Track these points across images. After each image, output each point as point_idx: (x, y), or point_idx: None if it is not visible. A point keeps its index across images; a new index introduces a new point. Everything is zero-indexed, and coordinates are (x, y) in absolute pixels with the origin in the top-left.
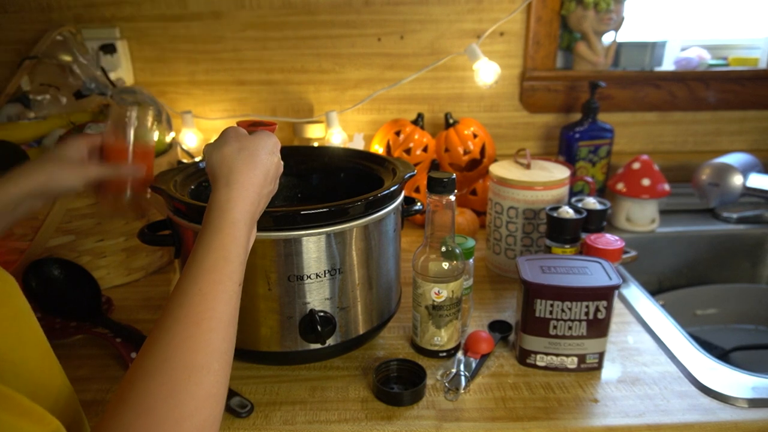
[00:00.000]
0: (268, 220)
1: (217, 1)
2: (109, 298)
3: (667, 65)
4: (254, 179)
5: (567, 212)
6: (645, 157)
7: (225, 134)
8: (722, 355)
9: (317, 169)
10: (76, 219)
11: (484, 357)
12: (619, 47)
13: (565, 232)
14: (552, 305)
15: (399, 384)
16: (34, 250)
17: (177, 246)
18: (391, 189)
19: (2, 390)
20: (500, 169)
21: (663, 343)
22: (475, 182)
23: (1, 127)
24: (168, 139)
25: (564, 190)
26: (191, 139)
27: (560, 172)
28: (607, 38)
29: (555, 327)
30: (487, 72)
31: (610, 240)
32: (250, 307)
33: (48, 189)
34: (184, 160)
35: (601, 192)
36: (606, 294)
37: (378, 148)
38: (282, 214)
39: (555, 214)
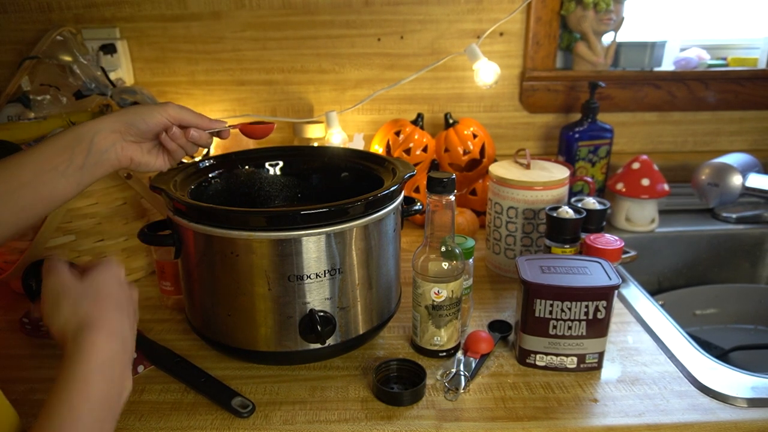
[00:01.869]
0: (268, 220)
1: (217, 1)
2: None
3: (667, 65)
4: (110, 323)
5: (567, 212)
6: (644, 157)
7: (52, 293)
8: (722, 355)
9: (317, 169)
10: (76, 219)
11: (484, 357)
12: (618, 47)
13: (564, 232)
14: (552, 305)
15: (399, 384)
16: (34, 250)
17: (177, 246)
18: (391, 189)
19: None
20: (500, 169)
21: (662, 343)
22: (475, 182)
23: (2, 127)
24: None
25: (564, 190)
26: None
27: (560, 172)
28: (607, 38)
29: (555, 327)
30: (486, 72)
31: (609, 240)
32: (250, 306)
33: (130, 121)
34: (185, 160)
35: (601, 192)
36: (606, 294)
37: (378, 148)
38: (282, 214)
39: (555, 214)
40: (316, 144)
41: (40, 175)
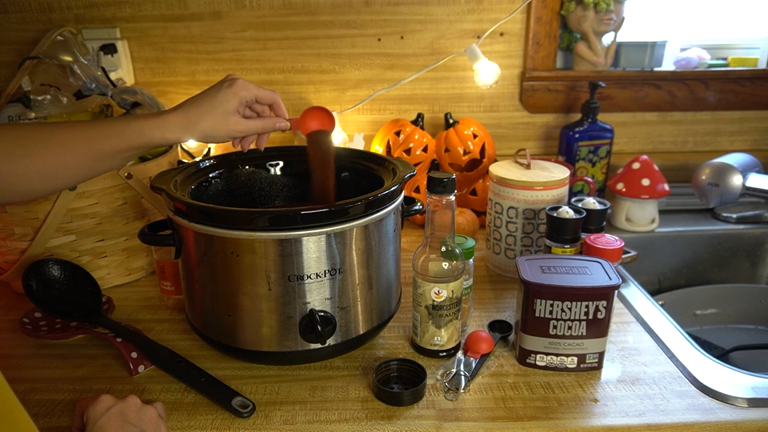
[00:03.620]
0: (268, 220)
1: (217, 1)
2: (109, 298)
3: (667, 65)
4: None
5: (567, 212)
6: (645, 157)
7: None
8: (722, 355)
9: None
10: (76, 219)
11: (484, 357)
12: (619, 47)
13: (565, 232)
14: (552, 305)
15: (399, 384)
16: (34, 250)
17: (177, 246)
18: (391, 189)
19: None
20: (500, 169)
21: (663, 343)
22: (475, 182)
23: None
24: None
25: (564, 190)
26: None
27: (560, 172)
28: (607, 38)
29: (555, 327)
30: (487, 72)
31: (609, 240)
32: (250, 306)
33: (199, 138)
34: (185, 160)
35: (601, 192)
36: (606, 294)
37: (378, 148)
38: (282, 214)
39: (555, 214)
40: None
41: (100, 159)
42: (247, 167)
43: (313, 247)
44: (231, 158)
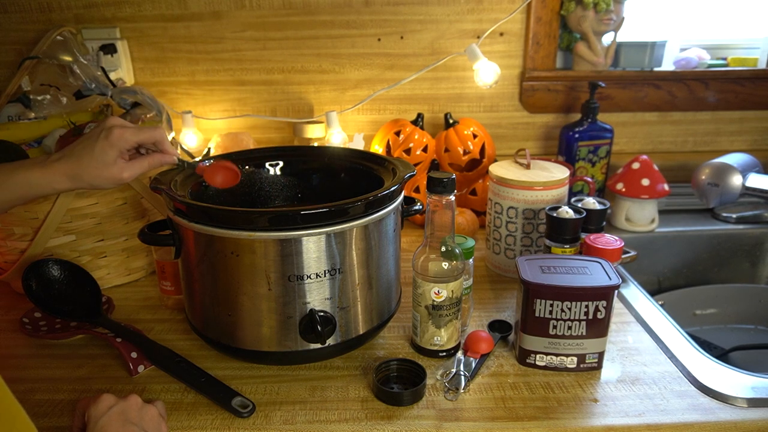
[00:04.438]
0: (268, 220)
1: (217, 1)
2: (109, 298)
3: (667, 65)
4: None
5: (567, 212)
6: (644, 157)
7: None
8: (722, 355)
9: (317, 169)
10: (76, 219)
11: (484, 357)
12: (618, 47)
13: (564, 232)
14: (552, 305)
15: (399, 384)
16: (34, 250)
17: (177, 246)
18: (391, 189)
19: None
20: (500, 169)
21: (662, 343)
22: (475, 182)
23: (2, 127)
24: (168, 139)
25: (564, 190)
26: (191, 139)
27: (560, 172)
28: (607, 38)
29: (555, 327)
30: (486, 72)
31: (609, 240)
32: (250, 306)
33: (83, 188)
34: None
35: (601, 192)
36: (606, 294)
37: (378, 148)
38: (282, 214)
39: (555, 214)
40: (316, 144)
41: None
42: (247, 167)
43: (313, 247)
44: (231, 158)
